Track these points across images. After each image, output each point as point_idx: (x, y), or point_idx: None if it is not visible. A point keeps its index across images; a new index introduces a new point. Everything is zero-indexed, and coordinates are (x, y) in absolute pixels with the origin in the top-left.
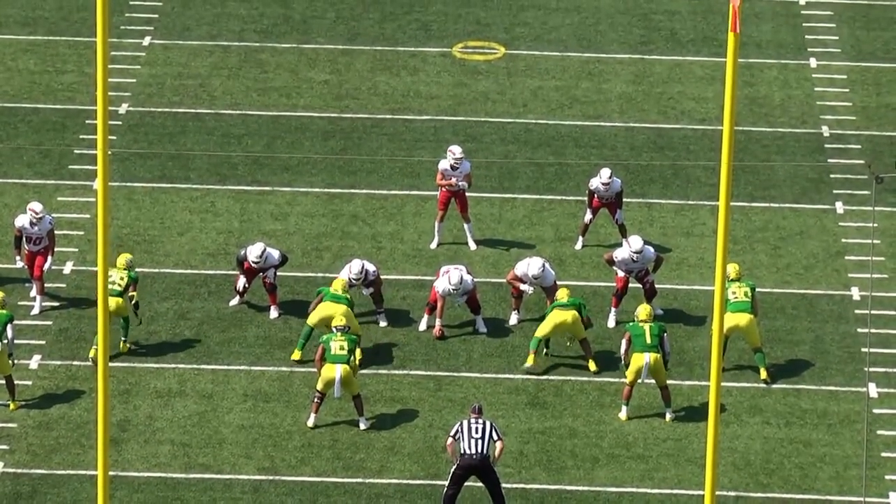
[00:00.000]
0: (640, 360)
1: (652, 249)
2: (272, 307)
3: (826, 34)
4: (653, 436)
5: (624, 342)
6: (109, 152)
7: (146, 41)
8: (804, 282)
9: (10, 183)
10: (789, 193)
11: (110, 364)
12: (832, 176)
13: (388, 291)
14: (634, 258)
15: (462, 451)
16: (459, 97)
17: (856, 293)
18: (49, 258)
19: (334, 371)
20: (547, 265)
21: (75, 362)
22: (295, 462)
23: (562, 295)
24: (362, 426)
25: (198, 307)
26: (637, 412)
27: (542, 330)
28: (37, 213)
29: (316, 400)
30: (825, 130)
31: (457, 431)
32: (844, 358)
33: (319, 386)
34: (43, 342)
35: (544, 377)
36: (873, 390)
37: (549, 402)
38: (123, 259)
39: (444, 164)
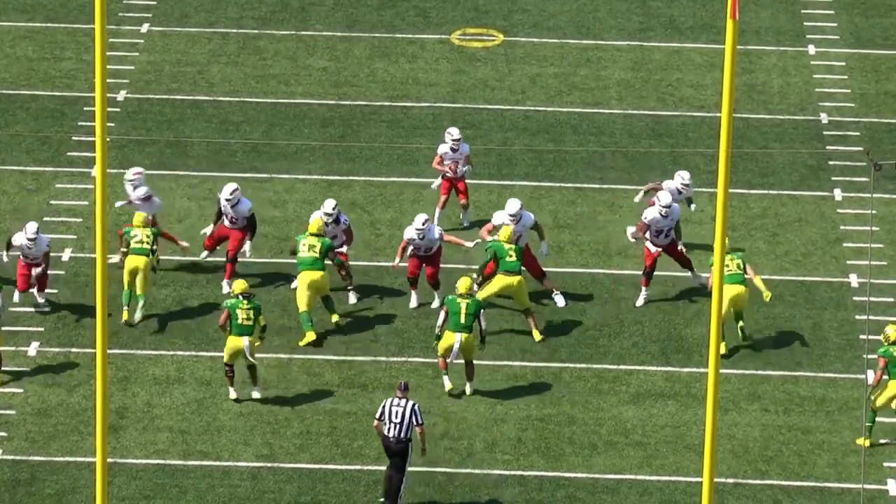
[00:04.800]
0: (452, 338)
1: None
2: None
3: (825, 21)
4: (651, 423)
5: (442, 314)
6: (108, 139)
7: (144, 28)
8: (802, 269)
9: (8, 170)
10: (788, 181)
11: (109, 351)
12: (831, 163)
13: (387, 278)
14: (664, 213)
15: (385, 434)
16: (458, 84)
17: (854, 280)
18: (39, 293)
19: (240, 342)
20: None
21: (73, 349)
22: (293, 449)
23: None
24: (256, 395)
25: (196, 294)
26: (635, 399)
27: (486, 293)
28: (30, 236)
29: (228, 374)
30: (824, 118)
31: (381, 413)
32: (843, 345)
33: (226, 358)
34: (41, 329)
35: (542, 364)
36: (871, 377)
37: (548, 389)
38: (140, 217)
39: (443, 148)
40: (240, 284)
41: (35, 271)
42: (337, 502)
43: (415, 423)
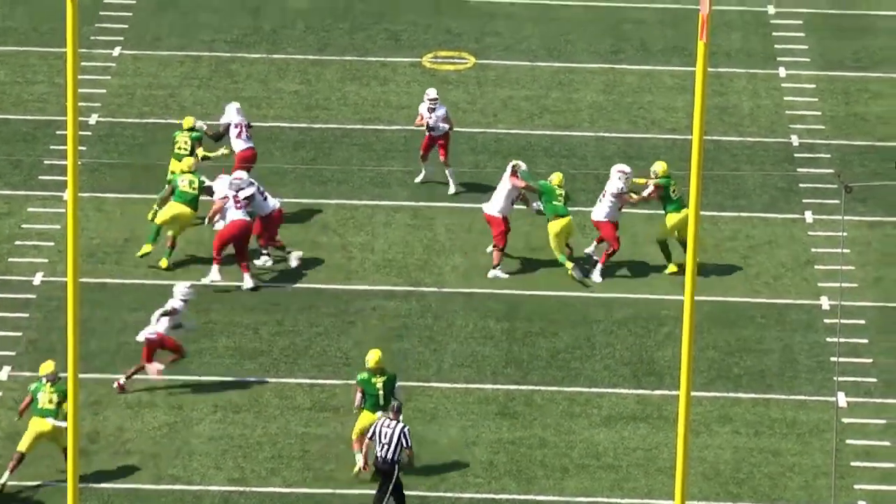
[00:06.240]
0: (371, 418)
1: None
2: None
3: (795, 44)
4: (623, 445)
5: (358, 394)
6: (80, 163)
7: (116, 51)
8: (773, 291)
9: None
10: (759, 202)
11: (81, 375)
12: (801, 185)
13: (358, 301)
14: (623, 179)
15: (375, 455)
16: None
17: (825, 302)
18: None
19: (40, 426)
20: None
21: None
22: (265, 473)
23: None
24: None
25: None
26: (607, 422)
27: (554, 244)
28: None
29: (13, 460)
30: (794, 140)
31: (372, 433)
32: (814, 367)
33: (24, 444)
34: (13, 353)
35: (514, 387)
36: (842, 400)
37: (519, 412)
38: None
39: (422, 108)
40: (46, 367)
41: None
42: None
43: (404, 445)
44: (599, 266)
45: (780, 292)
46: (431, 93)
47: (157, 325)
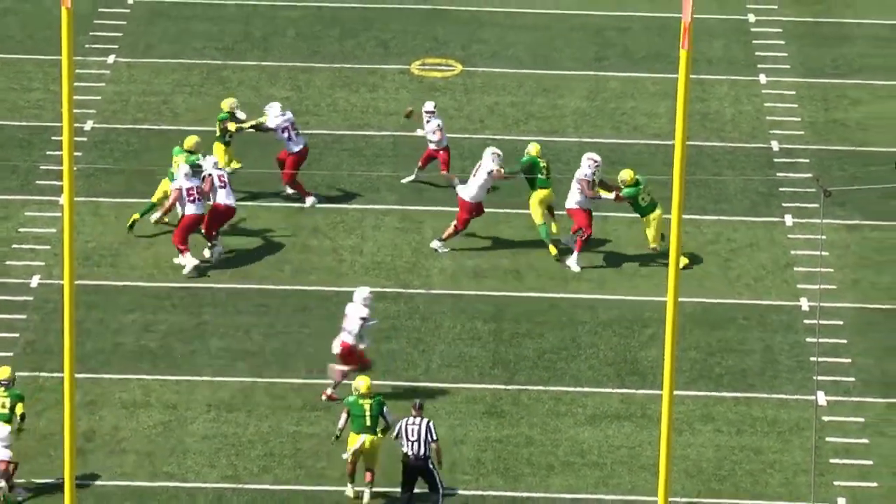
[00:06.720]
0: (356, 440)
1: None
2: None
3: (775, 51)
4: (607, 444)
5: (343, 415)
6: (75, 168)
7: (110, 59)
8: (754, 293)
9: None
10: (740, 206)
11: (77, 375)
12: (781, 189)
13: (346, 302)
14: (591, 166)
15: (403, 453)
16: (418, 113)
17: (805, 304)
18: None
19: None
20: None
21: (42, 374)
22: (257, 470)
23: None
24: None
25: (162, 319)
26: (592, 421)
27: (535, 214)
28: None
29: None
30: (774, 145)
31: (398, 433)
32: (794, 367)
33: None
34: (10, 354)
35: (501, 386)
36: (822, 398)
37: (506, 411)
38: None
39: (427, 125)
40: (2, 371)
41: None
42: None
43: (430, 439)
44: (576, 254)
45: (761, 294)
46: (429, 105)
47: (354, 331)
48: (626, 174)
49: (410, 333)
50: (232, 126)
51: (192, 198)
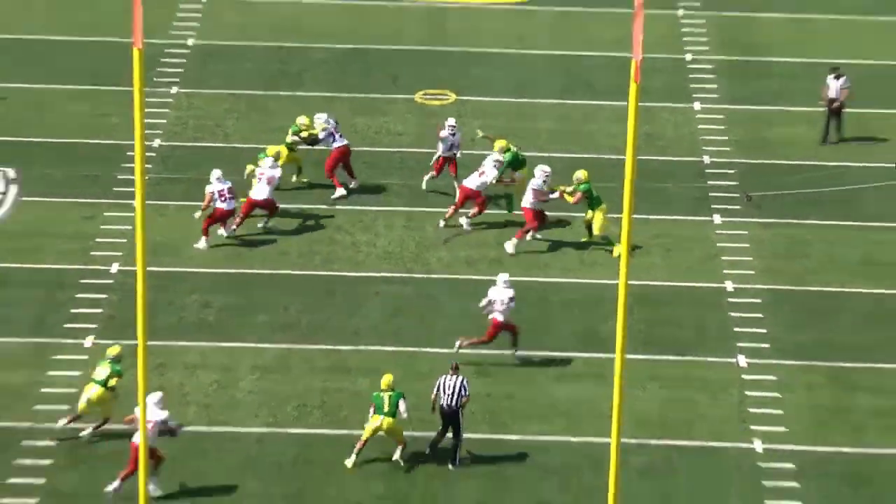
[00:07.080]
0: (376, 419)
1: None
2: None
3: (708, 83)
4: (574, 398)
5: (371, 409)
6: (146, 178)
7: (174, 90)
8: (689, 277)
9: (69, 202)
10: (679, 208)
11: (148, 343)
12: (711, 195)
13: (365, 285)
14: (545, 179)
15: (440, 404)
16: (421, 134)
17: (729, 286)
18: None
19: (89, 390)
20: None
21: (121, 342)
22: (292, 420)
23: None
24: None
25: (217, 299)
26: (561, 380)
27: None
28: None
29: (71, 417)
30: (706, 159)
31: (438, 387)
32: (720, 337)
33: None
34: (95, 325)
35: (488, 351)
36: (742, 361)
37: (493, 372)
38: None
39: (443, 133)
40: (113, 350)
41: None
42: (326, 458)
43: (463, 393)
44: (515, 239)
45: (695, 278)
46: (451, 121)
47: (503, 309)
48: (581, 173)
49: (415, 311)
50: (288, 138)
51: (223, 198)
